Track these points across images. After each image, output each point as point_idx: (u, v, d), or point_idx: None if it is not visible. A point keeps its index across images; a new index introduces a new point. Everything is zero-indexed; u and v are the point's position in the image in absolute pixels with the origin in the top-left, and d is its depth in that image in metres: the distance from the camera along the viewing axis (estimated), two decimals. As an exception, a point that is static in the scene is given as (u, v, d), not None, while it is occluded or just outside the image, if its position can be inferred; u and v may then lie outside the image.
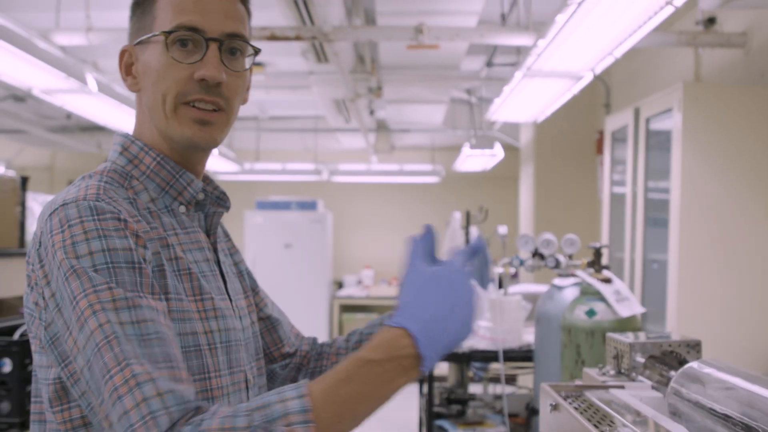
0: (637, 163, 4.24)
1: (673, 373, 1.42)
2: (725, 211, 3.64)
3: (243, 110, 5.43)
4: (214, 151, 4.42)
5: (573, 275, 3.03)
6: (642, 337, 1.57)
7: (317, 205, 9.58)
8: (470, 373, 4.08)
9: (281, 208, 9.45)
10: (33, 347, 1.08)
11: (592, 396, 1.38)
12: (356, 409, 0.93)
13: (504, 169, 8.90)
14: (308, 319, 8.88)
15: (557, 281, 3.12)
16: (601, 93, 6.42)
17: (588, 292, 2.79)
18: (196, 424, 0.88)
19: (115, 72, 6.13)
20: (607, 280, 2.80)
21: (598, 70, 3.73)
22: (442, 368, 4.97)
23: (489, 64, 5.39)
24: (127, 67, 1.20)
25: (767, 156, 3.70)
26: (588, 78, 3.88)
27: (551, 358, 3.01)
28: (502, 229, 3.58)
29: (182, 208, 1.18)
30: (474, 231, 7.40)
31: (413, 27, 3.97)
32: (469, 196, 9.53)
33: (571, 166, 7.07)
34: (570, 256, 3.21)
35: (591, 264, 2.90)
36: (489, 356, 3.43)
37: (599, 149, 6.42)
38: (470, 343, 3.49)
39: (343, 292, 9.69)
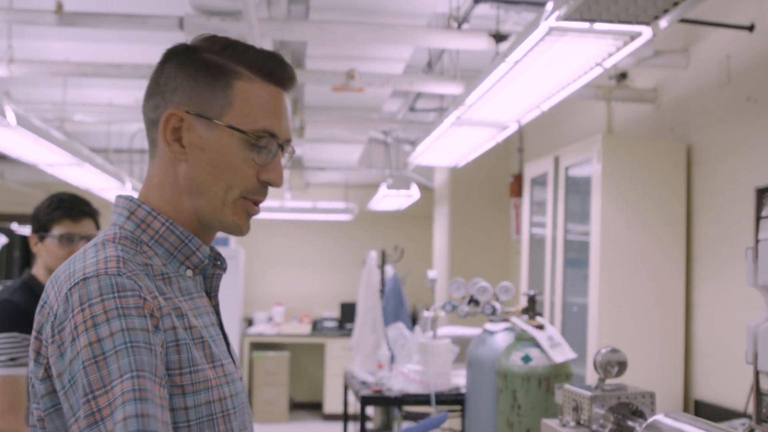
0: (557, 208, 4.42)
1: (631, 423, 1.51)
2: (641, 256, 3.84)
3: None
4: (126, 185, 4.29)
5: (506, 320, 3.13)
6: (599, 390, 1.66)
7: (229, 241, 9.48)
8: (401, 416, 4.12)
9: None
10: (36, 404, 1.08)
11: (562, 449, 1.45)
12: None
13: (418, 208, 9.06)
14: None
15: (489, 326, 3.21)
16: (515, 138, 6.65)
17: (523, 338, 2.89)
18: None
19: (31, 102, 5.98)
20: (541, 327, 2.91)
21: (524, 122, 3.89)
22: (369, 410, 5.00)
23: (412, 108, 5.52)
24: (175, 131, 1.15)
25: (677, 204, 3.93)
26: (513, 128, 4.04)
27: (484, 402, 3.09)
28: (432, 274, 3.67)
29: (189, 272, 1.17)
30: (389, 270, 7.50)
31: (345, 72, 4.05)
32: (383, 234, 9.63)
33: (485, 207, 7.28)
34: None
35: (525, 311, 3.01)
36: (420, 399, 3.48)
37: (513, 192, 6.64)
38: (401, 387, 3.54)
39: (253, 330, 9.58)
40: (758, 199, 1.65)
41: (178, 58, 1.18)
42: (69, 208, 2.54)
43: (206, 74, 1.15)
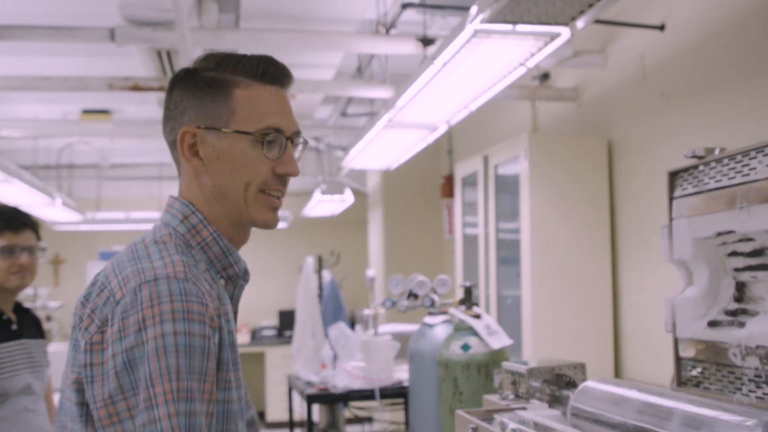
0: (488, 205, 4.57)
1: (566, 392, 1.63)
2: (569, 248, 4.01)
3: (82, 158, 5.41)
4: (56, 201, 4.32)
5: (444, 313, 3.25)
6: (534, 364, 1.78)
7: (163, 253, 9.40)
8: (346, 413, 4.20)
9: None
10: (65, 377, 1.20)
11: (502, 417, 1.57)
12: None
13: (352, 213, 9.14)
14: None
15: (428, 320, 3.33)
16: (444, 140, 6.81)
17: (461, 328, 3.02)
18: None
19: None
20: (478, 316, 3.04)
21: (453, 122, 4.03)
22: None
23: (344, 114, 5.61)
24: (191, 147, 1.27)
25: (601, 196, 4.12)
26: (443, 129, 4.17)
27: (427, 393, 3.20)
28: (371, 273, 3.77)
29: (222, 282, 1.28)
30: (327, 275, 7.57)
31: (277, 80, 4.12)
32: (318, 240, 9.68)
33: (418, 209, 7.43)
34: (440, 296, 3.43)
35: (462, 301, 3.14)
36: (365, 395, 3.57)
37: (444, 193, 6.80)
38: (345, 384, 3.62)
39: (191, 341, 9.52)
40: (670, 182, 1.80)
41: (180, 82, 1.29)
42: (9, 219, 2.56)
43: (208, 90, 1.26)
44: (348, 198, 7.51)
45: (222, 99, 1.25)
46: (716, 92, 3.35)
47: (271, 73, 1.28)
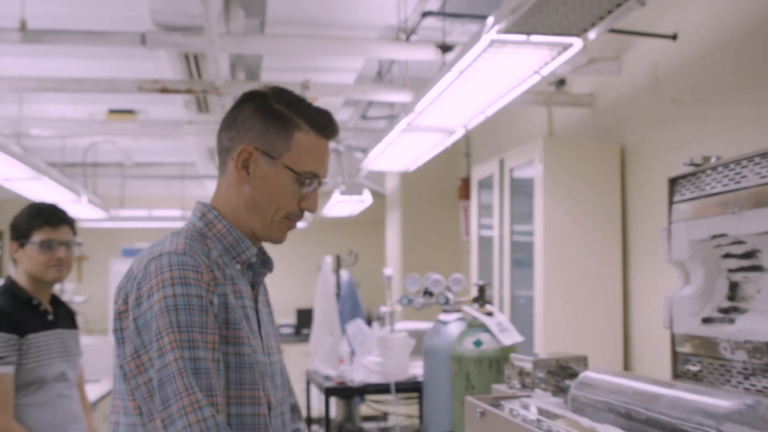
0: (503, 208, 4.69)
1: (569, 382, 1.76)
2: (581, 250, 4.12)
3: (107, 156, 5.59)
4: (82, 199, 4.58)
5: (458, 311, 3.38)
6: (540, 356, 1.90)
7: (184, 251, 9.58)
8: (362, 410, 4.34)
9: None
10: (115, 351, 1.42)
11: (509, 404, 1.69)
12: None
13: (371, 214, 9.28)
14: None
15: (442, 317, 3.45)
16: (462, 143, 6.93)
17: (474, 325, 3.14)
18: None
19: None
20: (490, 314, 3.17)
21: (470, 126, 4.16)
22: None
23: (364, 117, 5.75)
24: (245, 162, 1.49)
25: (613, 201, 4.23)
26: (460, 133, 4.30)
27: (440, 387, 3.33)
28: (388, 271, 3.90)
29: (237, 266, 1.51)
30: (345, 274, 7.71)
31: (300, 83, 4.26)
32: (337, 240, 9.83)
33: (435, 211, 7.55)
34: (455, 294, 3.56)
35: (476, 300, 3.26)
36: (381, 389, 3.71)
37: (461, 195, 6.92)
38: (362, 378, 3.76)
39: (211, 338, 9.69)
40: (670, 188, 1.92)
41: (254, 102, 1.52)
42: (48, 216, 2.71)
43: (275, 122, 1.49)
44: (366, 199, 7.64)
45: (284, 135, 1.49)
46: (726, 100, 3.45)
47: (328, 129, 1.54)
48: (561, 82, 4.96)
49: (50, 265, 2.67)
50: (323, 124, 1.52)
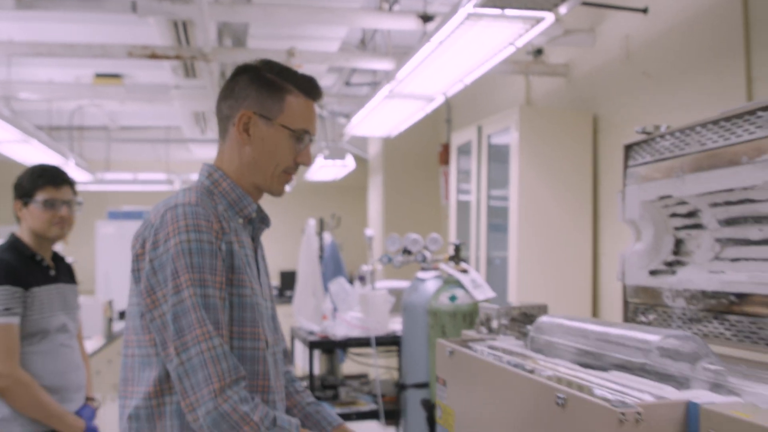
0: (480, 173, 4.89)
1: (530, 327, 1.96)
2: (554, 214, 4.33)
3: (92, 120, 5.72)
4: (69, 162, 4.77)
5: (435, 269, 3.58)
6: (505, 305, 2.11)
7: (170, 214, 9.72)
8: (343, 368, 4.54)
9: (133, 218, 9.49)
10: (130, 291, 1.61)
11: (475, 345, 1.90)
12: None
13: (353, 179, 9.45)
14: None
15: (420, 275, 3.66)
16: (443, 110, 7.10)
17: (450, 282, 3.35)
18: (241, 398, 1.48)
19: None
20: (465, 271, 3.37)
21: (450, 94, 4.33)
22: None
23: (348, 83, 5.90)
24: (245, 125, 1.68)
25: (585, 167, 4.44)
26: (440, 100, 4.47)
27: (418, 340, 3.54)
28: (369, 232, 4.09)
29: (240, 220, 1.70)
30: (328, 237, 7.89)
31: (286, 50, 4.41)
32: (320, 204, 10.00)
33: (417, 176, 7.74)
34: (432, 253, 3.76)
35: (452, 258, 3.47)
36: (362, 342, 3.92)
37: (442, 160, 7.10)
38: (344, 332, 3.97)
39: (195, 300, 9.86)
40: (625, 153, 2.12)
41: (248, 73, 1.71)
42: (52, 176, 2.86)
43: (269, 89, 1.68)
44: (350, 163, 7.80)
45: (278, 98, 1.68)
46: (693, 73, 3.64)
47: (314, 92, 1.73)
48: (538, 52, 5.13)
49: (53, 223, 2.82)
50: (310, 87, 1.71)
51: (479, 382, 1.70)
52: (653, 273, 1.97)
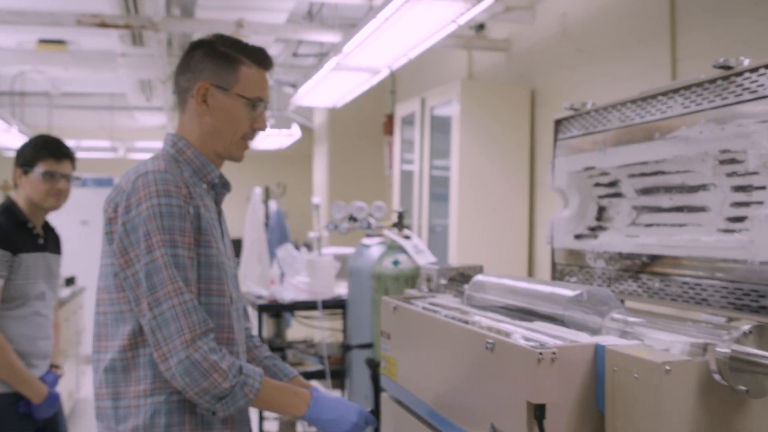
0: (423, 144, 5.06)
1: (466, 285, 2.15)
2: (493, 183, 4.54)
3: (34, 86, 5.75)
4: (10, 129, 4.81)
5: (379, 235, 3.76)
6: (444, 266, 2.29)
7: (113, 182, 9.70)
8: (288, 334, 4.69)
9: (76, 185, 9.44)
10: (102, 252, 1.72)
11: (417, 301, 2.08)
12: (270, 402, 1.72)
13: (299, 148, 9.55)
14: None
15: (365, 241, 3.83)
16: (388, 81, 7.24)
17: (393, 247, 3.53)
18: (215, 349, 1.61)
19: None
20: (408, 237, 3.55)
21: (395, 67, 4.48)
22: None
23: (295, 54, 5.99)
24: (203, 96, 1.79)
25: (523, 139, 4.65)
26: (385, 72, 4.62)
27: (362, 303, 3.72)
28: (316, 200, 4.23)
29: (204, 186, 1.81)
30: (273, 205, 8.00)
31: (235, 21, 4.50)
32: (266, 173, 10.08)
33: (362, 145, 7.89)
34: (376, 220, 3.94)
35: (395, 225, 3.64)
36: (309, 306, 4.09)
37: (386, 131, 7.26)
38: (292, 296, 4.13)
39: (140, 267, 9.87)
40: (555, 128, 2.31)
41: (203, 48, 1.81)
42: (54, 149, 2.91)
43: (223, 61, 1.79)
44: (295, 132, 7.90)
45: (232, 69, 1.79)
46: (623, 51, 3.86)
47: (266, 61, 1.84)
48: (480, 27, 5.31)
49: (50, 195, 2.87)
50: (261, 58, 1.82)
51: (419, 334, 1.88)
52: (578, 237, 2.18)
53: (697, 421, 1.30)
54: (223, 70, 1.78)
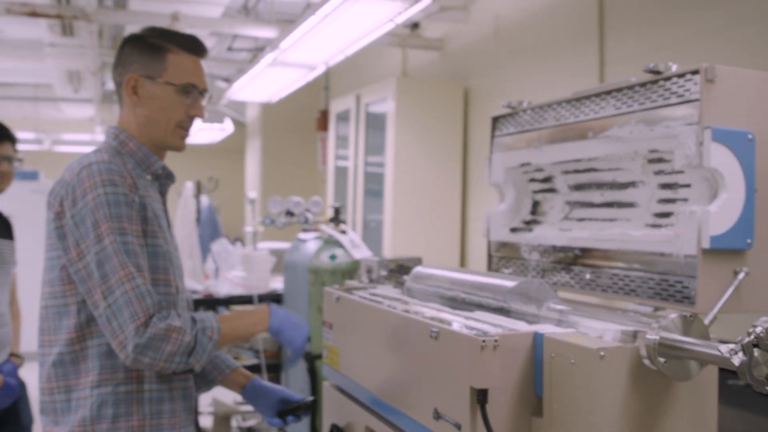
0: (358, 140, 5.12)
1: (406, 277, 2.21)
2: (427, 180, 4.63)
3: None
4: None
5: (315, 230, 3.80)
6: (385, 258, 2.35)
7: (38, 175, 9.45)
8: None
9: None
10: (47, 246, 1.70)
11: (359, 292, 2.13)
12: (235, 331, 1.75)
13: (231, 142, 9.48)
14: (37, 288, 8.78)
15: (301, 235, 3.86)
16: (321, 77, 7.26)
17: (330, 242, 3.57)
18: (164, 316, 1.60)
19: None
20: (344, 232, 3.60)
21: (331, 64, 4.52)
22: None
23: (230, 48, 5.97)
24: (134, 88, 1.80)
25: (456, 137, 4.75)
26: (321, 69, 4.65)
27: (299, 296, 3.75)
28: (252, 194, 4.24)
29: (148, 177, 1.82)
30: (205, 199, 7.93)
31: (170, 14, 4.46)
32: (198, 167, 9.97)
33: (294, 141, 7.90)
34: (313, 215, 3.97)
35: (332, 219, 3.69)
36: (244, 300, 4.09)
37: (319, 126, 7.29)
38: (227, 290, 4.13)
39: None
40: (492, 125, 2.39)
41: (132, 42, 1.82)
42: None
43: (150, 51, 1.80)
44: (228, 127, 7.87)
45: (159, 58, 1.80)
46: (554, 53, 3.98)
47: (195, 47, 1.84)
48: (415, 26, 5.39)
49: None
50: (191, 44, 1.82)
51: (363, 324, 1.94)
52: (513, 230, 2.26)
53: (628, 402, 1.39)
54: (150, 59, 1.79)
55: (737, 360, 1.22)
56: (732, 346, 1.24)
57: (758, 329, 1.20)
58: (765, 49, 2.77)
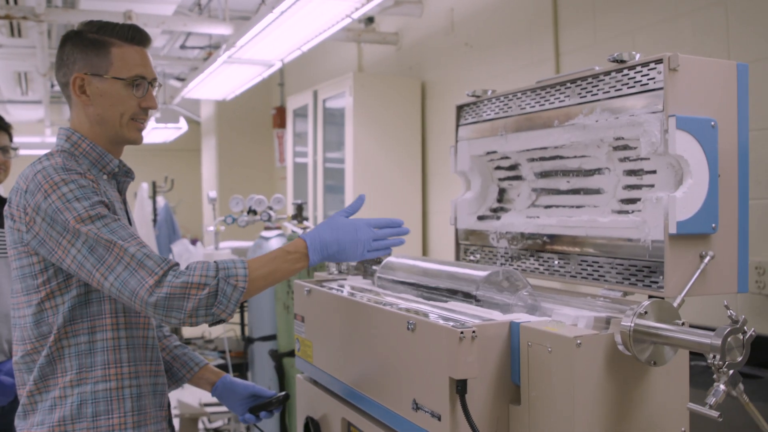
0: (316, 136, 5.10)
1: (375, 267, 2.22)
2: (386, 175, 4.64)
3: None
4: None
5: (278, 228, 3.78)
6: (354, 253, 2.35)
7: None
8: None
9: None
10: (13, 257, 1.66)
11: (329, 284, 2.13)
12: (273, 274, 1.64)
13: (186, 141, 9.38)
14: None
15: (264, 233, 3.84)
16: (276, 74, 7.22)
17: (293, 238, 3.56)
18: (175, 275, 1.54)
19: None
20: (307, 228, 3.59)
21: (287, 60, 4.50)
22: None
23: (183, 46, 5.90)
24: (81, 87, 1.76)
25: (415, 130, 4.76)
26: (278, 66, 4.63)
27: (264, 295, 3.73)
28: (212, 193, 4.20)
29: (104, 177, 1.79)
30: (161, 200, 7.83)
31: (122, 13, 4.40)
32: (153, 168, 9.84)
33: (250, 138, 7.85)
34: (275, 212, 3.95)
35: (294, 216, 3.67)
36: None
37: (276, 123, 7.25)
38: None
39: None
40: (457, 114, 2.40)
41: (71, 40, 1.77)
42: None
43: (92, 48, 1.75)
44: (182, 126, 7.78)
45: (103, 54, 1.75)
46: (509, 45, 4.02)
47: (138, 37, 1.80)
48: (370, 20, 5.39)
49: None
50: (133, 35, 1.78)
51: (336, 316, 1.94)
52: (481, 218, 2.28)
53: (604, 388, 1.42)
54: (94, 56, 1.75)
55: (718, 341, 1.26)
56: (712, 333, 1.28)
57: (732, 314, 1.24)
58: (711, 36, 2.84)
